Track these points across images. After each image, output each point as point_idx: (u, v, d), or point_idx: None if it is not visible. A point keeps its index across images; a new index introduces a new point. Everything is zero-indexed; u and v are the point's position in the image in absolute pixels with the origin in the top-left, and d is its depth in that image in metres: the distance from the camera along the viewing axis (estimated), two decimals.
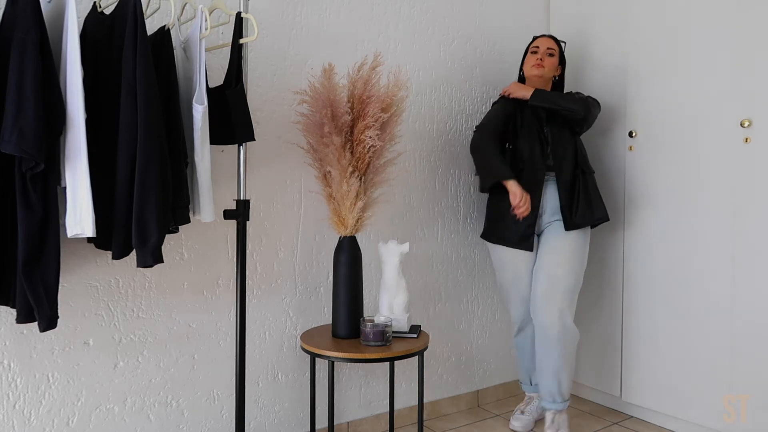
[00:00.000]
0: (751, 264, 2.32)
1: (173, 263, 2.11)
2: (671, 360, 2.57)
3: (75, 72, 1.56)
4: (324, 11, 2.43)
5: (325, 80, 2.10)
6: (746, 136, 2.33)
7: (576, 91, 2.65)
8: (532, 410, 2.66)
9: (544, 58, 2.60)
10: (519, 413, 2.66)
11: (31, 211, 1.54)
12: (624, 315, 2.76)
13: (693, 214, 2.49)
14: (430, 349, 2.74)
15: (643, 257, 2.67)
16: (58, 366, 1.92)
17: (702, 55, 2.47)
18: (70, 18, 1.56)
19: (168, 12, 1.98)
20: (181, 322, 2.14)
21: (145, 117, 1.60)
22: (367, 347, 2.04)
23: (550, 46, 2.63)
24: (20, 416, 1.86)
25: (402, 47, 2.64)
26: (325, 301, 2.46)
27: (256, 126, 2.15)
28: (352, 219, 2.15)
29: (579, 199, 2.51)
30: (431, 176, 2.75)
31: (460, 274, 2.86)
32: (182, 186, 1.79)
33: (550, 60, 2.61)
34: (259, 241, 2.29)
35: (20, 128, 1.47)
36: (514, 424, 2.63)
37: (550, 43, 2.64)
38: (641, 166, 2.68)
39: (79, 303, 1.95)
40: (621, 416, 2.78)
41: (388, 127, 2.17)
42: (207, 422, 2.20)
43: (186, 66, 1.88)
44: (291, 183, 2.37)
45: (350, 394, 2.54)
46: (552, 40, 2.66)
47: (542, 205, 2.52)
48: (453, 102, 2.81)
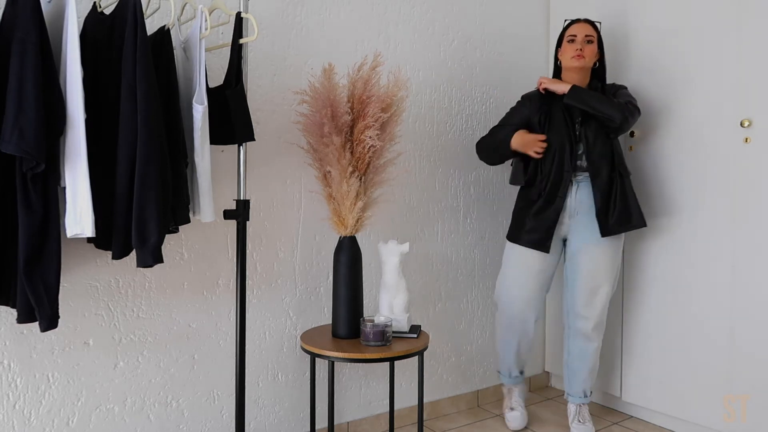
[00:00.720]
0: (751, 264, 2.32)
1: (173, 263, 2.11)
2: (671, 360, 2.57)
3: (75, 72, 1.56)
4: (324, 11, 2.43)
5: (325, 80, 2.10)
6: (746, 136, 2.33)
7: (620, 87, 2.51)
8: (519, 401, 2.66)
9: (584, 46, 2.45)
10: (509, 410, 2.66)
11: (32, 211, 1.54)
12: (624, 315, 2.76)
13: (693, 213, 2.49)
14: (430, 349, 2.74)
15: (643, 257, 2.67)
16: (58, 366, 1.92)
17: (702, 55, 2.47)
18: (70, 18, 1.56)
19: (168, 12, 1.98)
20: (181, 322, 2.14)
21: (145, 117, 1.60)
22: (367, 347, 2.04)
23: (588, 33, 2.46)
24: (20, 416, 1.86)
25: (402, 47, 2.64)
26: (325, 301, 2.46)
27: (256, 126, 2.15)
28: (352, 219, 2.15)
29: (616, 203, 2.42)
30: (431, 176, 2.75)
31: (460, 274, 2.86)
32: (182, 186, 1.79)
33: (590, 48, 2.46)
34: (259, 241, 2.29)
35: (20, 128, 1.47)
36: (512, 424, 2.63)
37: (587, 29, 2.47)
38: (641, 166, 2.68)
39: (79, 303, 1.95)
40: (621, 416, 2.78)
41: (388, 127, 2.17)
42: (207, 422, 2.20)
43: (186, 66, 1.88)
44: (291, 183, 2.37)
45: (350, 394, 2.54)
46: (589, 25, 2.49)
47: (570, 206, 2.47)
48: (453, 102, 2.81)
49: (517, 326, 2.58)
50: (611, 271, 2.49)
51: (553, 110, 2.48)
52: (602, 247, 2.46)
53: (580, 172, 2.46)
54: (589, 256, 2.47)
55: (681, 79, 2.54)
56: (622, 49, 2.76)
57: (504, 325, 2.61)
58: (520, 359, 2.65)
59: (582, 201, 2.47)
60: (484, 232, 2.92)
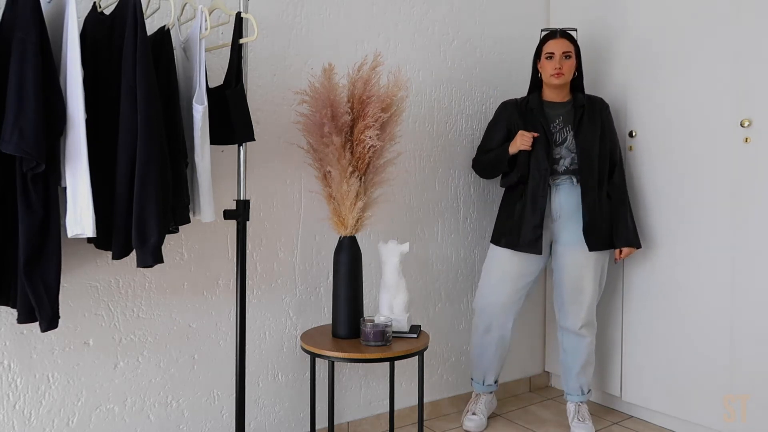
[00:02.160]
0: (751, 264, 2.32)
1: (173, 263, 2.11)
2: (671, 360, 2.57)
3: (75, 72, 1.56)
4: (324, 11, 2.43)
5: (325, 80, 2.10)
6: (746, 136, 2.33)
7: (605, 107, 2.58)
8: (482, 409, 2.66)
9: (563, 63, 2.48)
10: (471, 414, 2.65)
11: (32, 211, 1.54)
12: (624, 315, 2.76)
13: (693, 213, 2.49)
14: (430, 349, 2.74)
15: (643, 257, 2.67)
16: (58, 366, 1.92)
17: (702, 55, 2.47)
18: (70, 18, 1.56)
19: (168, 12, 1.98)
20: (181, 322, 2.14)
21: (145, 117, 1.60)
22: (367, 347, 2.04)
23: (565, 50, 2.49)
24: (20, 416, 1.86)
25: (402, 47, 2.64)
26: (325, 301, 2.46)
27: (256, 126, 2.15)
28: (352, 219, 2.15)
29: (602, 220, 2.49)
30: (431, 176, 2.75)
31: (460, 274, 2.86)
32: (182, 186, 1.79)
33: (568, 63, 2.50)
34: (259, 241, 2.29)
35: (21, 128, 1.47)
36: (468, 425, 2.63)
37: (564, 45, 2.50)
38: (641, 166, 2.68)
39: (79, 303, 1.95)
40: (621, 416, 2.78)
41: (388, 127, 2.17)
42: (207, 422, 2.20)
43: (186, 66, 1.88)
44: (291, 183, 2.37)
45: (350, 394, 2.54)
46: (566, 40, 2.52)
47: (552, 209, 2.51)
48: (453, 102, 2.81)
49: (495, 332, 2.60)
50: (595, 270, 2.52)
51: (528, 115, 2.55)
52: (583, 247, 2.50)
53: (560, 176, 2.50)
54: (572, 256, 2.52)
55: (681, 78, 2.53)
56: (622, 48, 2.76)
57: (481, 330, 2.62)
58: (497, 366, 2.66)
59: (562, 204, 2.51)
60: (484, 232, 2.92)
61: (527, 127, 2.52)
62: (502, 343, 2.62)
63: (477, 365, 2.67)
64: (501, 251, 2.57)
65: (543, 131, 2.49)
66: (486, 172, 2.69)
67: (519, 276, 2.56)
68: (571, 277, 2.52)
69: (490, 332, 2.60)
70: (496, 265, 2.59)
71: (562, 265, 2.54)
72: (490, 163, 2.62)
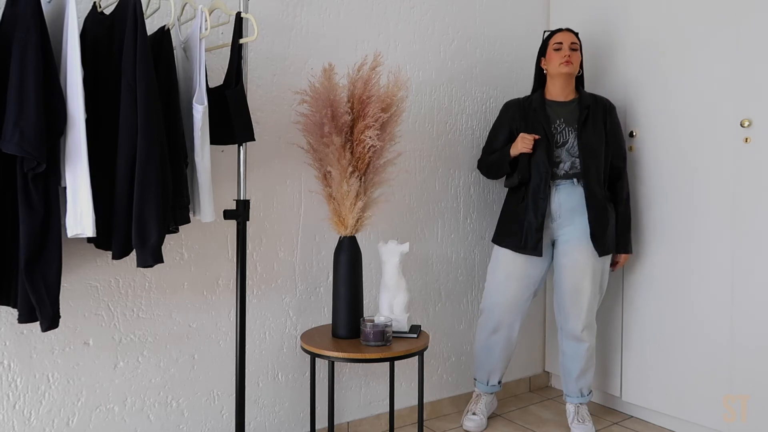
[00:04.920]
0: (751, 264, 2.32)
1: (173, 263, 2.11)
2: (671, 360, 2.57)
3: (75, 72, 1.56)
4: (324, 11, 2.43)
5: (325, 80, 2.10)
6: (746, 136, 2.33)
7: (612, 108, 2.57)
8: (482, 409, 2.66)
9: (570, 54, 2.50)
10: (471, 414, 2.65)
11: (33, 210, 1.54)
12: (624, 315, 2.76)
13: (693, 213, 2.49)
14: (430, 349, 2.74)
15: (643, 257, 2.67)
16: (58, 366, 1.92)
17: (702, 56, 2.47)
18: (70, 18, 1.56)
19: (168, 12, 1.98)
20: (181, 322, 2.14)
21: (145, 117, 1.60)
22: (367, 347, 2.04)
23: (573, 41, 2.52)
24: (20, 416, 1.86)
25: (402, 47, 2.64)
26: (325, 301, 2.46)
27: (256, 126, 2.15)
28: (352, 219, 2.15)
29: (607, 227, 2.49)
30: (431, 176, 2.75)
31: (460, 274, 2.86)
32: (182, 186, 1.79)
33: (576, 55, 2.52)
34: (259, 241, 2.29)
35: (21, 128, 1.47)
36: (468, 425, 2.63)
37: (572, 37, 2.53)
38: (641, 166, 2.68)
39: (79, 303, 1.95)
40: (621, 416, 2.78)
41: (388, 127, 2.17)
42: (207, 422, 2.20)
43: (186, 66, 1.88)
44: (291, 183, 2.37)
45: (350, 394, 2.54)
46: (572, 33, 2.55)
47: (552, 210, 2.51)
48: (453, 102, 2.81)
49: (503, 332, 2.60)
50: (594, 270, 2.51)
51: (530, 115, 2.55)
52: (581, 247, 2.49)
53: (561, 179, 2.49)
54: (570, 256, 2.51)
55: (681, 78, 2.54)
56: (622, 48, 2.76)
57: (489, 330, 2.62)
58: (502, 367, 2.66)
59: (561, 204, 2.50)
60: (484, 233, 2.92)
61: (528, 128, 2.52)
62: (508, 343, 2.62)
63: (482, 365, 2.67)
64: (504, 252, 2.57)
65: (544, 132, 2.49)
66: (490, 173, 2.70)
67: (524, 276, 2.56)
68: (570, 277, 2.52)
69: (498, 332, 2.60)
70: (500, 266, 2.59)
71: (562, 265, 2.54)
72: (493, 164, 2.64)
